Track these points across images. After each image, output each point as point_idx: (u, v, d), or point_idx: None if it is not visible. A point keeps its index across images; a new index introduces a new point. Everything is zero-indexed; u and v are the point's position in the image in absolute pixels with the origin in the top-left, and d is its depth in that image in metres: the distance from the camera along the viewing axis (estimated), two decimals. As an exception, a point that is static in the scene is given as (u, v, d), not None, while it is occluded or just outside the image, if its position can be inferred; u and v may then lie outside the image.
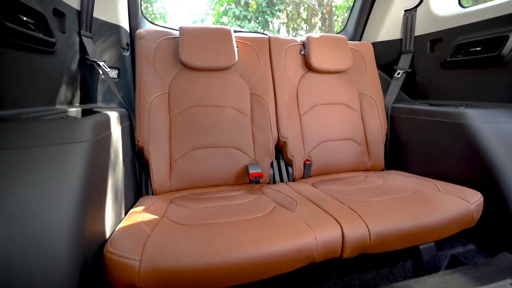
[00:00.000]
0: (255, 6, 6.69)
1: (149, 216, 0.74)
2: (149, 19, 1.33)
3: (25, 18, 0.61)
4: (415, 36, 1.28)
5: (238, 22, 6.36)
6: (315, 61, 1.19)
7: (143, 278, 0.54)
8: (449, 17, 1.13)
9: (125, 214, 0.80)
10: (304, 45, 1.23)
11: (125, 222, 0.70)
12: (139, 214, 0.75)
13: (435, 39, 1.20)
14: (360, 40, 1.51)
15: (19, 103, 0.65)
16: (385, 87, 1.36)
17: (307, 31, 8.33)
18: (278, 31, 8.16)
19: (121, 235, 0.62)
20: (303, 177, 1.17)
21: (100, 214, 0.64)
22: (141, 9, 1.27)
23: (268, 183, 1.12)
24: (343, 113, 1.24)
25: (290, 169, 1.15)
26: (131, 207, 0.84)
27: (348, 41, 1.33)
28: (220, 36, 1.08)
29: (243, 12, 6.51)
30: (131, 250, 0.56)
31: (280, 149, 1.18)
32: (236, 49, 1.12)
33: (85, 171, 0.58)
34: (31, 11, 0.65)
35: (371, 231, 0.69)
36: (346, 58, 1.23)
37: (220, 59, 1.07)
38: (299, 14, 8.33)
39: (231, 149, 1.07)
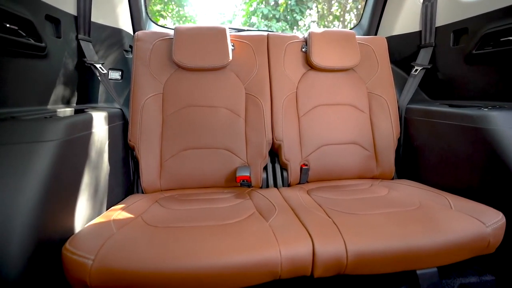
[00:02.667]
0: (284, 5, 6.60)
1: (124, 215, 0.75)
2: (154, 20, 1.37)
3: (8, 25, 0.66)
4: (436, 28, 1.11)
5: (266, 22, 6.33)
6: (316, 58, 1.10)
7: (94, 276, 0.54)
8: (476, 2, 0.96)
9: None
10: (306, 41, 1.15)
11: (98, 219, 0.71)
12: (115, 212, 0.76)
13: (460, 30, 1.03)
14: (375, 34, 1.37)
15: (8, 103, 0.70)
16: (402, 86, 1.22)
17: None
18: (308, 29, 7.94)
19: (86, 233, 0.64)
20: (299, 183, 1.09)
21: (68, 211, 0.66)
22: (146, 12, 1.31)
23: (261, 187, 1.07)
24: (348, 114, 1.13)
25: (285, 174, 1.09)
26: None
27: (361, 36, 1.22)
28: (214, 35, 1.06)
29: (272, 12, 6.47)
30: (87, 249, 0.57)
31: (276, 152, 1.12)
32: (231, 48, 1.09)
33: (52, 168, 0.60)
34: (18, 18, 0.69)
35: (348, 250, 0.60)
36: (353, 55, 1.13)
37: (213, 58, 1.05)
38: (330, 11, 8.01)
39: (223, 150, 1.05)
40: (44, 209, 0.57)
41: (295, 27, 6.80)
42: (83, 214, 0.71)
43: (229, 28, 1.41)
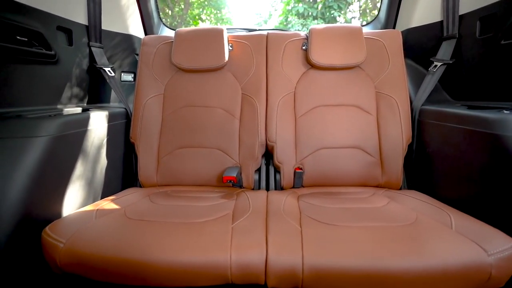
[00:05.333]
0: (322, 2, 6.37)
1: (111, 206, 0.81)
2: (167, 24, 1.44)
3: (18, 37, 0.76)
4: (460, 16, 0.95)
5: (302, 20, 6.19)
6: (316, 56, 1.04)
7: (63, 258, 0.61)
8: (507, -17, 0.80)
9: None
10: (307, 39, 1.09)
11: (86, 208, 0.78)
12: (105, 202, 0.83)
13: (487, 17, 0.86)
14: (394, 27, 1.24)
15: (19, 103, 0.82)
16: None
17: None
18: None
19: (68, 219, 0.71)
20: (294, 187, 1.04)
21: (57, 199, 0.74)
22: (159, 17, 1.39)
23: (253, 189, 1.05)
24: (352, 116, 1.04)
25: (278, 177, 1.05)
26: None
27: (372, 30, 1.11)
28: (211, 36, 1.08)
29: (308, 10, 6.30)
30: (62, 233, 0.64)
31: (271, 154, 1.09)
32: (229, 48, 1.10)
33: (42, 160, 0.68)
34: (29, 31, 0.80)
35: (305, 263, 0.56)
36: (357, 51, 1.03)
37: (209, 59, 1.07)
38: (375, 4, 7.45)
39: (216, 150, 1.06)
40: (31, 196, 0.66)
41: (333, 24, 6.51)
42: (73, 202, 0.79)
43: (239, 28, 1.43)
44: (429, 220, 0.69)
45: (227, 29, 1.40)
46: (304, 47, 1.09)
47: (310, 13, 6.23)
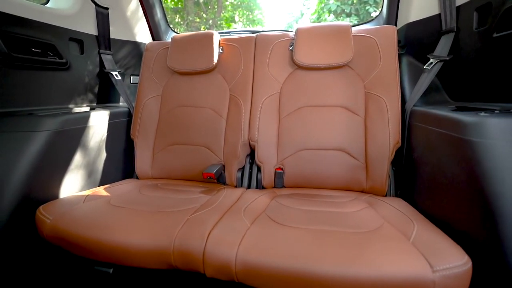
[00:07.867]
0: (358, -3, 6.05)
1: (101, 193, 0.92)
2: (175, 29, 1.55)
3: (33, 49, 0.92)
4: (457, 7, 0.85)
5: (334, 18, 5.96)
6: (300, 56, 1.03)
7: (48, 231, 0.73)
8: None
9: None
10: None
11: (79, 193, 0.91)
12: (98, 189, 0.94)
13: (483, 6, 0.76)
14: (395, 23, 1.15)
15: (34, 103, 0.98)
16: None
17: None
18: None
19: (60, 201, 0.83)
20: (275, 187, 1.05)
21: (55, 184, 0.87)
22: (167, 24, 1.50)
23: (236, 187, 1.09)
24: (338, 117, 1.01)
25: (260, 176, 1.07)
26: None
27: (365, 27, 1.06)
28: (203, 40, 1.14)
29: (341, 6, 6.05)
30: (51, 212, 0.76)
31: None
32: (219, 51, 1.15)
33: (43, 151, 0.81)
34: (43, 43, 0.96)
35: (238, 258, 0.58)
36: (344, 50, 0.99)
37: (199, 62, 1.13)
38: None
39: (202, 148, 1.12)
40: (32, 181, 0.79)
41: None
42: (71, 188, 0.92)
43: (243, 30, 1.47)
44: (391, 229, 0.65)
45: (232, 32, 1.46)
46: (291, 48, 1.09)
47: (342, 10, 5.98)
